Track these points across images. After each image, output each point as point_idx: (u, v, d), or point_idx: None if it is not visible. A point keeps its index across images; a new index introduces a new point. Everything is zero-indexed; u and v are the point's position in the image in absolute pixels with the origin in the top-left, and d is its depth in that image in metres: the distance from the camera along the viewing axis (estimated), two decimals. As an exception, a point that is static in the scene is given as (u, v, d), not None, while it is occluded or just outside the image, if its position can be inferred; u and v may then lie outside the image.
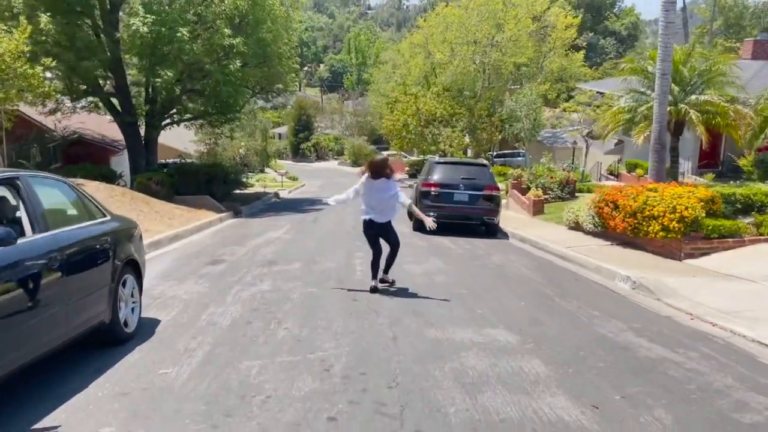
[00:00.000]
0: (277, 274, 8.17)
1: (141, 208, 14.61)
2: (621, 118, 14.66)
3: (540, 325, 5.79)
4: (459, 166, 14.02)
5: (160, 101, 21.02)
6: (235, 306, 6.27)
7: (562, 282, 8.17)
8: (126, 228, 5.28)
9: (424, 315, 6.00)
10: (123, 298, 4.91)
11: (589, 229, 11.80)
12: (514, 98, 27.62)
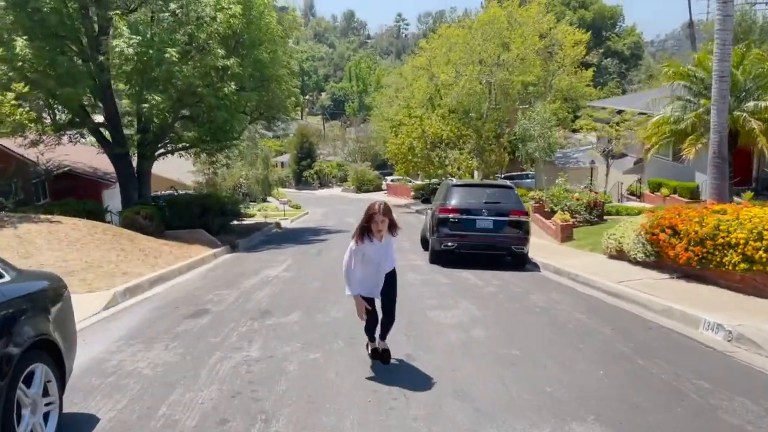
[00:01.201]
0: (271, 330, 6.48)
1: (123, 246, 13.00)
2: (665, 130, 13.02)
3: (642, 413, 4.06)
4: (480, 188, 12.40)
5: (152, 130, 19.54)
6: (209, 388, 4.57)
7: (631, 331, 6.45)
8: (39, 292, 3.62)
9: (472, 398, 4.29)
10: (26, 402, 3.22)
11: (638, 259, 10.08)
12: (527, 116, 26.11)
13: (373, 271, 4.97)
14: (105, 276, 9.95)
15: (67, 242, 11.95)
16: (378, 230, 4.81)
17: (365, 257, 4.90)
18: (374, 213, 4.79)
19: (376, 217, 4.78)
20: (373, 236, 4.87)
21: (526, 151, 26.31)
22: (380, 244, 4.92)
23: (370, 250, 4.90)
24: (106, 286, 9.19)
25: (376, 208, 4.80)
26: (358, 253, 4.89)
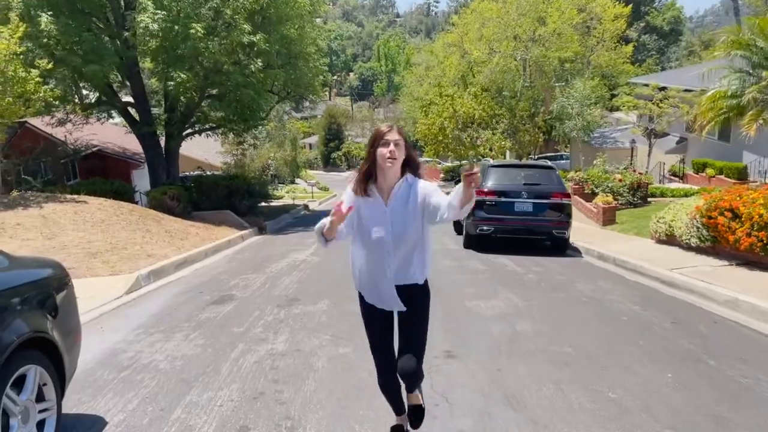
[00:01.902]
0: (298, 319, 6.03)
1: (149, 227, 12.73)
2: (722, 105, 12.11)
3: (728, 427, 3.47)
4: (519, 169, 11.71)
5: (179, 109, 19.27)
6: (230, 387, 4.12)
7: (695, 325, 5.81)
8: (36, 282, 3.17)
9: (525, 405, 3.75)
10: (14, 411, 2.78)
11: (691, 244, 9.35)
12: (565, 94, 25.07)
13: (379, 261, 2.91)
14: (129, 258, 9.64)
15: (92, 223, 11.71)
16: (388, 157, 2.80)
17: (364, 227, 2.92)
18: (382, 132, 2.86)
19: (388, 137, 2.83)
20: (378, 186, 2.90)
21: (563, 131, 25.27)
22: (394, 205, 2.87)
23: (375, 213, 2.89)
24: (130, 268, 8.88)
25: (385, 127, 2.90)
26: (356, 214, 2.91)
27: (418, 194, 2.87)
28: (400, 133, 2.89)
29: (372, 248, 2.91)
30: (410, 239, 2.89)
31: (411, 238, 2.89)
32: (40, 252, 9.07)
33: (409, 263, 2.93)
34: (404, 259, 2.91)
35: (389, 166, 2.83)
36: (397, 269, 2.91)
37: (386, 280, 2.93)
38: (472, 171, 2.49)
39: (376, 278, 2.95)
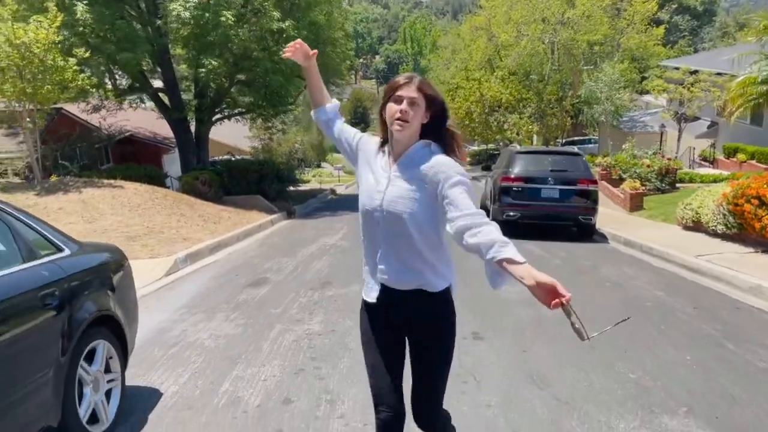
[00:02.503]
0: (332, 302, 6.32)
1: (183, 211, 13.15)
2: (752, 91, 12.03)
3: (740, 407, 3.66)
4: (546, 155, 11.81)
5: (209, 95, 19.69)
6: (272, 364, 4.43)
7: (718, 312, 5.95)
8: (100, 266, 3.49)
9: (549, 384, 3.98)
10: (87, 380, 3.12)
11: (718, 231, 9.41)
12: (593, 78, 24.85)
13: (373, 242, 2.26)
14: (166, 241, 10.04)
15: (129, 207, 12.15)
16: (397, 119, 2.11)
17: (361, 185, 2.30)
18: (397, 84, 2.16)
19: (402, 91, 2.12)
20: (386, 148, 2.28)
21: (591, 115, 25.08)
22: (398, 173, 2.19)
23: (375, 173, 2.26)
24: (167, 252, 9.26)
25: (402, 78, 2.17)
26: (360, 164, 2.35)
27: (434, 175, 2.08)
28: (423, 89, 2.13)
29: (364, 220, 2.24)
30: (404, 225, 2.12)
31: (406, 224, 2.12)
32: (83, 236, 9.52)
33: (410, 257, 2.16)
34: (406, 250, 2.16)
35: (398, 130, 2.10)
36: (395, 265, 2.19)
37: (374, 265, 2.26)
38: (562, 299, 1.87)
39: (372, 265, 2.28)
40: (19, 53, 12.14)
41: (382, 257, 2.21)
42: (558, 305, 1.83)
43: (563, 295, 1.82)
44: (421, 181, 2.12)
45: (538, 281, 1.82)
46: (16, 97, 12.32)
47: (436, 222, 2.15)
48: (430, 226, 2.15)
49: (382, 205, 2.16)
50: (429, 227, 2.15)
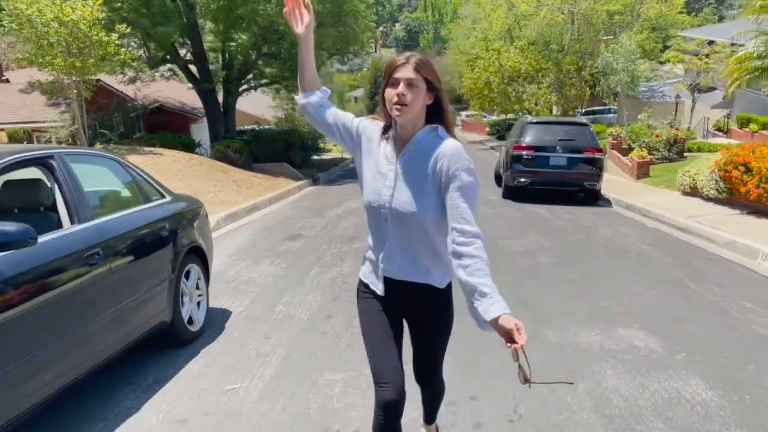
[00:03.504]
0: (359, 252, 7.38)
1: (218, 177, 14.27)
2: (749, 66, 12.70)
3: (684, 324, 4.67)
4: (555, 126, 12.65)
5: (236, 66, 20.67)
6: (314, 293, 5.53)
7: (692, 262, 6.91)
8: (189, 210, 4.58)
9: (534, 307, 5.02)
10: (186, 292, 4.23)
11: (710, 196, 10.27)
12: (610, 49, 25.29)
13: (380, 236, 2.18)
14: (206, 204, 11.03)
15: (170, 173, 13.28)
16: (395, 103, 2.01)
17: (363, 174, 2.20)
18: (392, 66, 2.04)
19: (398, 73, 2.01)
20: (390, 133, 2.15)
21: (608, 85, 25.56)
22: (405, 163, 2.09)
23: (380, 162, 2.14)
24: (209, 212, 10.37)
25: (399, 59, 2.06)
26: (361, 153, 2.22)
27: (440, 168, 2.00)
28: (420, 69, 2.01)
29: (368, 206, 2.15)
30: (418, 218, 2.04)
31: (419, 216, 2.04)
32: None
33: (422, 253, 2.12)
34: (414, 244, 2.11)
35: (397, 115, 2.01)
36: (403, 261, 2.13)
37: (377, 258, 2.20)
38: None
39: (375, 254, 2.21)
40: (67, 30, 13.19)
41: (389, 252, 2.13)
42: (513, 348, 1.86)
43: (517, 342, 1.86)
44: (430, 173, 2.01)
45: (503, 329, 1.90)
46: (66, 71, 13.41)
47: (435, 214, 2.04)
48: (443, 221, 2.01)
49: (391, 203, 2.06)
50: (443, 221, 2.01)
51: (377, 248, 2.18)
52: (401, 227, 2.07)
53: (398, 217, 2.06)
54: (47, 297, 2.76)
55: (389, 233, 2.11)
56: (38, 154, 3.22)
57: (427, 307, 2.22)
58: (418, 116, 2.06)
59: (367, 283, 2.26)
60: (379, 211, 2.10)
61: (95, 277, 3.15)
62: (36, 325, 2.69)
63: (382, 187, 2.08)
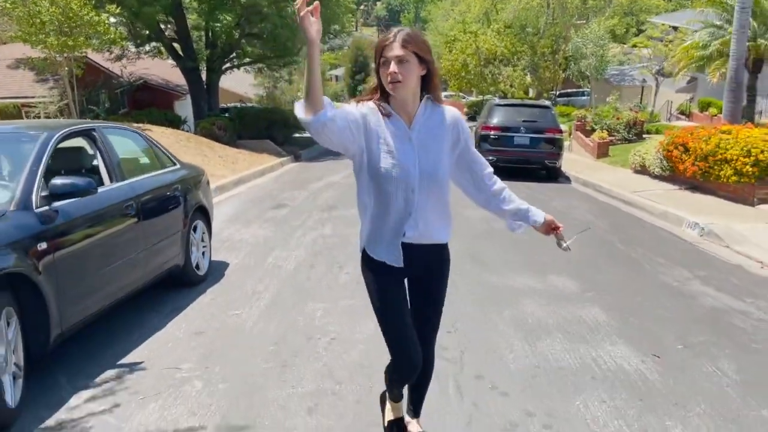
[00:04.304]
0: (338, 219, 8.33)
1: (205, 152, 15.05)
2: (694, 54, 13.79)
3: (602, 273, 5.74)
4: (520, 108, 13.66)
5: (220, 46, 21.26)
6: (298, 250, 6.48)
7: (626, 228, 7.99)
8: (195, 175, 5.49)
9: (482, 261, 6.04)
10: (194, 242, 5.16)
11: (656, 173, 11.39)
12: (580, 34, 26.32)
13: (399, 205, 2.24)
14: (197, 176, 11.99)
15: (160, 148, 14.04)
16: (390, 81, 2.13)
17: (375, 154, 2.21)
18: (381, 45, 2.16)
19: (388, 52, 2.12)
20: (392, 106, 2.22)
21: (578, 69, 26.66)
22: (420, 134, 2.24)
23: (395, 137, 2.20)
24: (201, 184, 11.22)
25: (388, 38, 2.15)
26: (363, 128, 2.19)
27: (449, 128, 2.27)
28: (407, 44, 2.11)
29: (389, 183, 2.19)
30: (441, 181, 2.26)
31: (441, 179, 2.26)
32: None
33: (437, 215, 2.30)
34: (432, 207, 2.27)
35: (393, 90, 2.14)
36: (425, 225, 2.27)
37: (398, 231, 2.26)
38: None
39: (394, 228, 2.26)
40: (59, 9, 13.78)
41: (415, 221, 2.24)
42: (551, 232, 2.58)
43: (558, 227, 2.58)
44: (446, 136, 2.26)
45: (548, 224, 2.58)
46: (59, 49, 14.02)
47: (449, 171, 2.33)
48: (449, 177, 2.34)
49: (418, 172, 2.19)
50: (448, 178, 2.33)
51: (399, 221, 2.24)
52: (427, 191, 2.22)
53: (426, 181, 2.20)
54: (103, 232, 3.70)
55: (415, 202, 2.21)
56: (84, 127, 4.11)
57: (435, 263, 2.40)
58: (415, 88, 2.19)
59: (382, 261, 2.29)
60: (406, 183, 2.19)
61: (130, 222, 4.08)
62: (98, 251, 3.64)
63: (405, 160, 2.18)
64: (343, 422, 2.95)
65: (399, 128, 2.20)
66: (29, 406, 3.04)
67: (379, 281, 2.34)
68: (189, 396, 3.21)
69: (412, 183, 2.19)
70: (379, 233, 2.29)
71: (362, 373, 3.50)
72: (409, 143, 2.19)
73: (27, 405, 3.03)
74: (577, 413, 3.02)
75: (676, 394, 3.25)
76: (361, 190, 2.29)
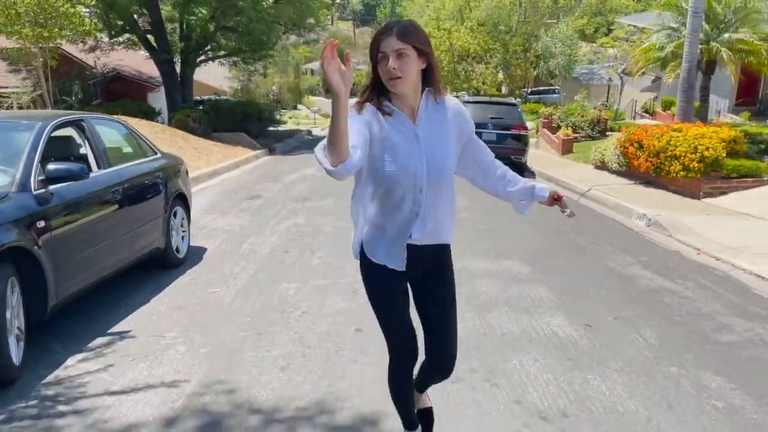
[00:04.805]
0: (311, 209, 8.73)
1: (180, 144, 15.26)
2: (651, 56, 14.50)
3: (552, 258, 6.25)
4: (488, 105, 14.20)
5: (194, 38, 21.40)
6: (272, 237, 6.88)
7: (581, 219, 8.53)
8: (175, 164, 5.85)
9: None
10: (174, 227, 5.53)
11: (614, 169, 12.01)
12: (549, 34, 27.03)
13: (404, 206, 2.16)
14: (173, 167, 12.25)
15: (136, 139, 14.24)
16: (389, 78, 2.04)
17: (377, 156, 2.10)
18: (377, 40, 2.07)
19: (384, 46, 2.04)
20: (394, 101, 2.13)
21: (547, 68, 27.39)
22: (425, 129, 2.15)
23: (399, 135, 2.12)
24: (177, 175, 11.50)
25: (383, 31, 2.07)
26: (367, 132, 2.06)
27: (454, 120, 2.20)
28: (405, 37, 2.01)
29: (395, 185, 2.10)
30: (448, 177, 2.20)
31: (449, 175, 2.20)
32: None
33: (444, 213, 2.23)
34: (440, 206, 2.20)
35: (393, 86, 2.05)
36: (431, 224, 2.19)
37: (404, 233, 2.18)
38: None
39: (399, 230, 2.17)
40: (34, 1, 13.88)
41: (422, 221, 2.15)
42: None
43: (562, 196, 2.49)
44: (452, 129, 2.18)
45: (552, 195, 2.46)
46: (34, 40, 14.11)
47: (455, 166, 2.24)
48: (453, 171, 2.23)
49: (426, 169, 2.10)
50: (453, 172, 2.23)
51: (406, 223, 2.15)
52: (436, 188, 2.14)
53: (435, 179, 2.12)
54: (93, 214, 4.06)
55: (423, 201, 2.13)
56: (74, 118, 4.47)
57: (437, 265, 2.31)
58: (416, 83, 2.10)
59: (384, 264, 2.21)
60: (414, 184, 2.10)
61: (116, 206, 4.44)
62: (89, 231, 4.01)
63: (412, 159, 2.09)
64: (311, 377, 3.38)
65: (404, 126, 2.12)
66: (30, 366, 3.41)
67: (379, 285, 2.28)
68: (173, 358, 3.61)
69: (420, 183, 2.11)
70: (381, 236, 2.20)
71: (330, 341, 3.94)
72: (416, 141, 2.11)
73: (28, 365, 3.41)
74: (513, 370, 3.50)
75: (600, 355, 3.76)
76: (361, 196, 2.22)
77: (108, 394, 3.17)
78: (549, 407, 3.09)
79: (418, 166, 2.10)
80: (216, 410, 3.03)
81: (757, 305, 4.88)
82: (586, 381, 3.39)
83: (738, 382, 3.44)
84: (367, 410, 3.05)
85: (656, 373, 3.53)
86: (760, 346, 4.02)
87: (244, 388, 3.24)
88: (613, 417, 3.02)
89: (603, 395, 3.23)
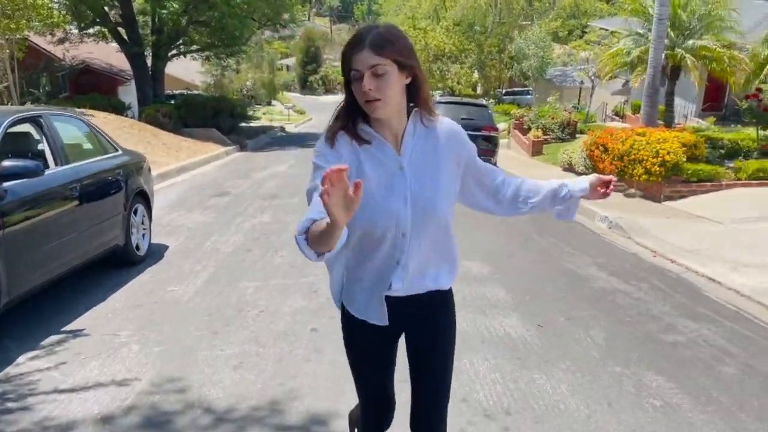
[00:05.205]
0: (278, 207, 8.74)
1: (149, 140, 15.11)
2: (619, 61, 14.80)
3: (513, 259, 6.37)
4: (459, 106, 14.32)
5: (166, 32, 21.14)
6: (237, 235, 6.87)
7: (544, 222, 8.68)
8: (136, 162, 5.81)
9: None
10: (135, 224, 5.50)
11: (580, 171, 12.23)
12: (523, 36, 27.34)
13: (383, 252, 1.78)
14: (141, 163, 12.13)
15: (104, 134, 14.05)
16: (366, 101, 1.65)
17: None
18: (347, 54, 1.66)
19: (357, 63, 1.63)
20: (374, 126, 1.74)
21: (520, 69, 27.71)
22: (412, 156, 1.78)
23: (379, 168, 1.74)
24: (144, 170, 11.39)
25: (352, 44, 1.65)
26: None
27: (449, 146, 1.83)
28: (380, 47, 1.61)
29: (373, 228, 1.73)
30: (440, 218, 1.80)
31: (441, 216, 1.80)
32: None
33: (434, 258, 1.87)
34: (429, 250, 1.83)
35: (374, 112, 1.67)
36: (418, 271, 1.82)
37: (382, 283, 1.81)
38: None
39: (376, 278, 1.82)
40: (0, -8, 13.58)
41: (403, 270, 1.78)
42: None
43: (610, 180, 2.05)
44: (439, 160, 1.79)
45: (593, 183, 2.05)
46: (1, 32, 13.81)
47: (454, 201, 1.88)
48: (452, 208, 1.85)
49: (411, 208, 1.73)
50: (452, 209, 1.85)
51: (383, 271, 1.79)
52: (422, 232, 1.76)
53: (421, 221, 1.74)
54: (49, 212, 4.03)
55: (405, 247, 1.75)
56: (31, 114, 4.42)
57: (432, 315, 1.94)
58: (400, 103, 1.72)
59: (362, 318, 1.87)
60: (396, 227, 1.72)
61: (74, 203, 4.41)
62: (44, 228, 3.98)
63: (394, 199, 1.71)
64: (263, 376, 3.42)
65: (386, 157, 1.73)
66: (-21, 365, 3.39)
67: (357, 343, 1.96)
68: (126, 357, 3.61)
69: (402, 226, 1.72)
70: (355, 287, 1.87)
71: (285, 340, 3.97)
72: (400, 174, 1.73)
73: (-24, 364, 3.38)
74: (462, 368, 3.58)
75: (549, 354, 3.86)
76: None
77: (57, 392, 3.17)
78: (493, 405, 3.18)
79: (401, 206, 1.71)
80: (165, 409, 3.05)
81: (704, 307, 5.05)
82: (532, 380, 3.48)
83: (678, 381, 3.57)
84: (319, 409, 3.10)
85: (601, 372, 3.65)
86: (703, 346, 4.17)
87: (196, 387, 3.27)
88: (554, 414, 3.11)
89: (547, 394, 3.33)
